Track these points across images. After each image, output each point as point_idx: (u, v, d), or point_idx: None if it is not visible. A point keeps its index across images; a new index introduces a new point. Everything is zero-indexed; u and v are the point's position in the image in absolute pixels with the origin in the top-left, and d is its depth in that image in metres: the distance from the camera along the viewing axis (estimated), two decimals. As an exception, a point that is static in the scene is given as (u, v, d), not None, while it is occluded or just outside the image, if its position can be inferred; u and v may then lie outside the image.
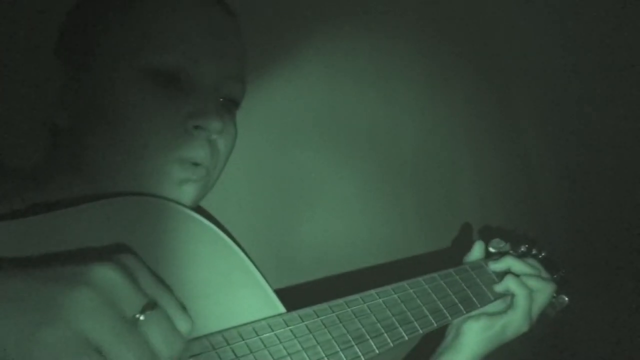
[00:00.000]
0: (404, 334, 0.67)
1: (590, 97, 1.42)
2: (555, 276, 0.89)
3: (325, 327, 0.62)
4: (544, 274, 0.88)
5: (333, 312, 0.64)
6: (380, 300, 0.69)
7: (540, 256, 0.94)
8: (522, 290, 0.82)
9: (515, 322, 0.81)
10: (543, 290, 0.84)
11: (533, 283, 0.84)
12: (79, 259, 0.42)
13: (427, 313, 0.72)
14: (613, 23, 1.31)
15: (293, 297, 0.64)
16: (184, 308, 0.46)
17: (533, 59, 1.49)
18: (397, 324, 0.68)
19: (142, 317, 0.42)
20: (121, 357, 0.39)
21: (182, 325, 0.45)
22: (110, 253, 0.43)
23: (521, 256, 0.92)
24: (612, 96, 1.38)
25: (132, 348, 0.40)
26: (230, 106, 0.69)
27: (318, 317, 0.62)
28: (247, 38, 0.72)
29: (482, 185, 1.42)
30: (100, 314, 0.39)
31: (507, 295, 0.83)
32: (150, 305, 0.42)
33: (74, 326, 0.38)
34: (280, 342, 0.58)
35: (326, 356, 0.60)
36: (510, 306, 0.82)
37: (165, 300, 0.45)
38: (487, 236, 0.93)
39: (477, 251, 0.89)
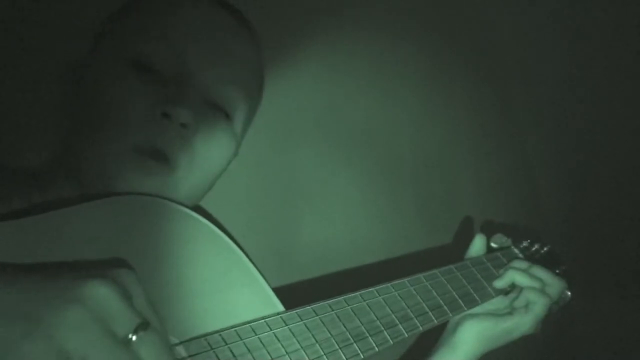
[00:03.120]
0: (403, 331, 0.67)
1: (591, 92, 1.41)
2: (557, 271, 0.88)
3: (324, 325, 0.62)
4: (550, 280, 0.84)
5: (332, 310, 0.63)
6: (380, 298, 0.68)
7: (542, 251, 0.93)
8: (541, 299, 0.80)
9: (523, 326, 0.80)
10: (557, 295, 0.83)
11: (552, 290, 0.82)
12: (74, 272, 0.41)
13: (428, 310, 0.71)
14: (613, 23, 1.30)
15: (292, 295, 0.64)
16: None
17: (533, 55, 1.49)
18: (396, 321, 0.67)
19: (134, 337, 0.40)
20: None
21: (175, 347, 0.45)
22: (106, 268, 0.43)
23: (523, 251, 0.91)
24: (612, 93, 1.37)
25: None
26: (216, 111, 0.67)
27: (317, 315, 0.62)
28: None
29: (482, 182, 1.41)
30: (88, 332, 0.38)
31: (507, 291, 0.83)
32: (144, 325, 0.41)
33: (57, 342, 0.37)
34: (279, 341, 0.58)
35: (325, 354, 0.59)
36: (519, 310, 0.81)
37: (157, 320, 0.44)
38: (488, 232, 0.92)
39: (477, 244, 0.88)
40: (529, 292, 0.81)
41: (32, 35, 0.74)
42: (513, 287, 0.83)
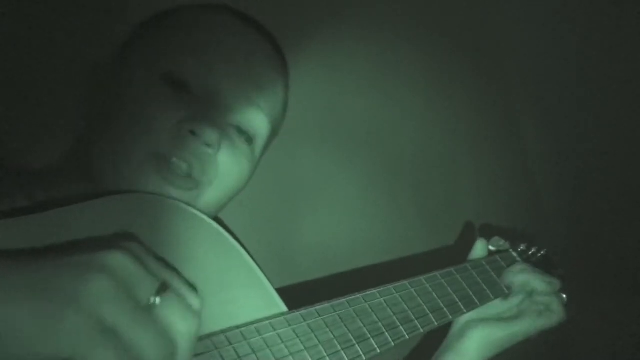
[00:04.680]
0: (405, 332, 0.68)
1: (592, 93, 1.42)
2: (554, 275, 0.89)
3: (327, 326, 0.62)
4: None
5: (335, 311, 0.64)
6: (382, 299, 0.69)
7: (539, 255, 0.94)
8: (559, 305, 0.83)
9: (527, 332, 0.81)
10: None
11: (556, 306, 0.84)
12: (90, 247, 0.42)
13: (428, 312, 0.72)
14: (614, 23, 1.31)
15: (295, 296, 0.64)
16: (192, 286, 0.47)
17: (533, 56, 1.49)
18: (398, 322, 0.68)
19: (157, 300, 0.42)
20: (138, 341, 0.40)
21: (194, 302, 0.46)
22: (117, 241, 0.44)
23: (521, 254, 0.92)
24: (613, 94, 1.38)
25: (149, 332, 0.41)
26: (241, 135, 0.68)
27: (320, 316, 0.62)
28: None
29: (483, 184, 1.42)
30: (117, 299, 0.40)
31: (507, 294, 0.84)
32: (164, 288, 0.43)
33: (93, 311, 0.38)
34: (283, 342, 0.58)
35: (328, 355, 0.60)
36: (529, 313, 0.82)
37: (175, 282, 0.46)
38: (487, 234, 0.93)
39: (479, 250, 0.89)
40: (545, 297, 0.83)
41: (55, 36, 0.74)
42: (511, 290, 0.84)
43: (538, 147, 1.55)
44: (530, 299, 0.83)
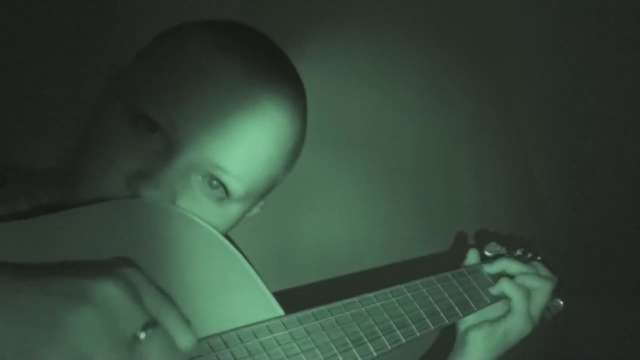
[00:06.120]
0: (401, 336, 0.68)
1: (592, 94, 1.42)
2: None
3: (324, 329, 0.62)
4: (543, 271, 0.88)
5: (332, 315, 0.64)
6: (379, 304, 0.69)
7: (536, 260, 0.94)
8: (517, 292, 0.83)
9: (515, 326, 0.82)
10: (541, 289, 0.84)
11: (530, 282, 0.84)
12: (83, 272, 0.42)
13: (425, 316, 0.72)
14: (615, 23, 1.31)
15: (292, 299, 0.64)
16: (188, 323, 0.46)
17: (534, 56, 1.49)
18: (394, 326, 0.68)
19: (142, 336, 0.41)
20: None
21: (184, 341, 0.45)
22: (115, 267, 0.43)
23: (516, 259, 0.93)
24: (614, 95, 1.38)
25: None
26: (213, 187, 0.60)
27: (317, 320, 0.62)
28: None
29: (483, 187, 1.42)
30: (101, 336, 0.39)
31: (503, 298, 0.84)
32: (152, 324, 0.42)
33: (76, 347, 0.38)
34: (279, 345, 0.58)
35: (325, 359, 0.60)
36: (508, 311, 0.83)
37: (168, 317, 0.45)
38: (482, 240, 0.93)
39: (471, 258, 0.89)
40: (505, 285, 0.83)
41: (60, 37, 0.74)
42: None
43: (538, 148, 1.56)
44: (514, 285, 0.83)
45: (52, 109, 0.76)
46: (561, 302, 0.88)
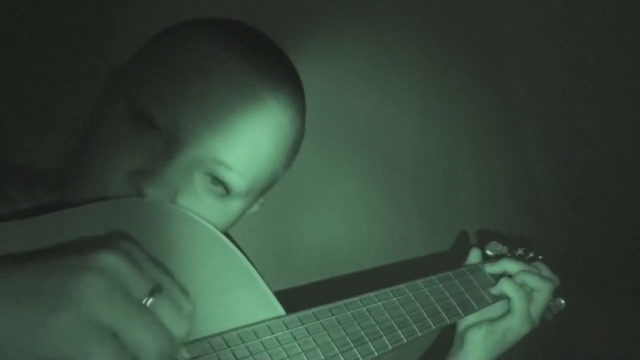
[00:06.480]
0: (402, 336, 0.68)
1: (593, 99, 1.42)
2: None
3: (325, 329, 0.62)
4: (545, 272, 0.88)
5: (333, 314, 0.64)
6: (380, 303, 0.69)
7: (537, 260, 0.94)
8: (517, 293, 0.82)
9: (514, 325, 0.82)
10: (542, 290, 0.84)
11: (531, 282, 0.84)
12: (81, 248, 0.42)
13: (426, 316, 0.72)
14: (615, 23, 1.31)
15: (292, 299, 0.64)
16: (185, 290, 0.47)
17: (534, 57, 1.49)
18: (395, 326, 0.68)
19: (150, 301, 0.42)
20: (138, 338, 0.39)
21: (186, 306, 0.45)
22: (110, 241, 0.43)
23: (518, 259, 0.93)
24: (614, 98, 1.38)
25: (148, 328, 0.40)
26: (215, 184, 0.61)
27: (318, 319, 0.62)
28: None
29: (483, 187, 1.42)
30: (112, 298, 0.39)
31: (504, 298, 0.84)
32: (157, 289, 0.43)
33: (88, 311, 0.38)
34: (280, 345, 0.58)
35: (326, 358, 0.60)
36: (508, 310, 0.83)
37: (168, 284, 0.45)
38: (484, 239, 0.93)
39: (473, 257, 0.89)
40: (505, 285, 0.83)
41: (62, 37, 0.74)
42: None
43: (538, 148, 1.56)
44: (514, 285, 0.83)
45: (52, 109, 0.76)
46: (563, 302, 0.88)
